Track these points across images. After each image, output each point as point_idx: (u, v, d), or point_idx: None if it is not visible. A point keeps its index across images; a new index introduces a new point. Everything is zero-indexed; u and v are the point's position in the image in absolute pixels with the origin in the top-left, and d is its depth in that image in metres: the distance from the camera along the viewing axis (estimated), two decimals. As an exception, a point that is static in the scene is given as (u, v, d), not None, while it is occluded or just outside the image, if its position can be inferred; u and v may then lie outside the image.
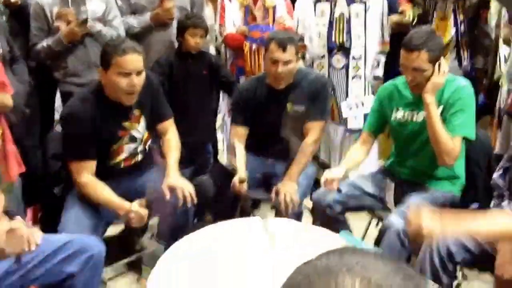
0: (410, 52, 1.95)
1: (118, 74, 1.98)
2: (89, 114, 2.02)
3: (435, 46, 1.96)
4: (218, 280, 1.56)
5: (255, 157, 2.55)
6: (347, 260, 0.52)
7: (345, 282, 0.49)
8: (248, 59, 3.11)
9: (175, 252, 1.73)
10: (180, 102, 2.80)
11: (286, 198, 2.24)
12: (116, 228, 2.64)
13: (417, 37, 1.95)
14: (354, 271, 0.50)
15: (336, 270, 0.50)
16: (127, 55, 1.97)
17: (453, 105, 2.02)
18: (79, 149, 2.04)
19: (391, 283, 0.49)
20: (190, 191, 2.13)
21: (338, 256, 0.53)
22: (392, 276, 0.50)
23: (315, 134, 2.43)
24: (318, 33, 3.00)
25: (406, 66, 1.99)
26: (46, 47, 2.65)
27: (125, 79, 1.99)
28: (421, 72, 1.97)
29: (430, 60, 1.95)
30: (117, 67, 1.97)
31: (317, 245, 1.32)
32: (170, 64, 2.84)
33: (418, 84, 2.01)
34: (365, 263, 0.51)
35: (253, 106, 2.47)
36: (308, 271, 0.52)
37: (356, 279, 0.49)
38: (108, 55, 1.99)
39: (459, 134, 1.99)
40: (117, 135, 2.13)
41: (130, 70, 1.98)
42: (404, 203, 2.05)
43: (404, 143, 2.21)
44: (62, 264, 1.66)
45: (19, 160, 2.18)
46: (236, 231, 1.91)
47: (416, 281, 0.50)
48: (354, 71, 3.00)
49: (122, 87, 2.00)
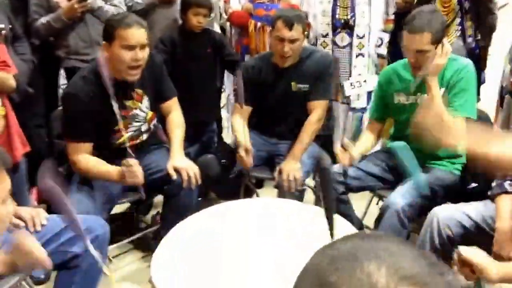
0: (412, 34, 1.92)
1: (122, 47, 1.97)
2: (90, 93, 2.02)
3: (438, 26, 1.93)
4: (222, 260, 1.59)
5: (259, 136, 2.56)
6: (374, 245, 0.51)
7: (371, 269, 0.48)
8: (253, 38, 3.09)
9: (180, 232, 1.76)
10: (183, 80, 2.78)
11: (289, 177, 2.26)
12: (121, 207, 2.67)
13: (419, 18, 1.92)
14: (380, 258, 0.49)
15: (362, 256, 0.50)
16: (132, 28, 1.96)
17: (455, 85, 2.00)
18: (77, 130, 2.06)
19: (418, 271, 0.48)
20: (194, 171, 2.14)
21: (364, 241, 0.53)
22: (418, 264, 0.49)
23: (318, 113, 2.43)
24: (322, 10, 2.96)
25: (409, 48, 1.97)
26: (46, 23, 2.63)
27: (129, 52, 1.98)
28: (424, 54, 1.95)
29: (433, 41, 1.92)
30: (121, 39, 1.96)
31: (319, 226, 1.33)
32: (173, 42, 2.82)
33: (420, 66, 1.99)
34: (392, 250, 0.50)
35: (258, 84, 2.46)
36: (334, 255, 0.51)
37: (382, 266, 0.48)
38: (112, 28, 1.98)
39: (462, 114, 1.98)
40: (120, 114, 2.13)
41: (134, 43, 1.97)
42: (404, 183, 2.05)
43: (405, 126, 2.19)
44: (67, 244, 1.69)
45: (23, 140, 2.20)
46: (240, 211, 1.93)
47: (440, 269, 0.50)
48: (358, 49, 2.97)
49: (126, 61, 1.99)
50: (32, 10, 2.67)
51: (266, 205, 2.01)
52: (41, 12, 2.66)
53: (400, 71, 2.18)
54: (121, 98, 2.12)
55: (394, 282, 0.47)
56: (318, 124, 2.45)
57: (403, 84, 2.16)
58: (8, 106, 2.11)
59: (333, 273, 0.49)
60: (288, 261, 1.42)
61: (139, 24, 1.99)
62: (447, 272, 0.50)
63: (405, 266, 0.48)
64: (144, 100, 2.21)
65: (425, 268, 0.49)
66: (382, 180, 2.24)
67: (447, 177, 2.11)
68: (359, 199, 2.46)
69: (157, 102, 2.29)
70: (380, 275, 0.47)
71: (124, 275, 2.36)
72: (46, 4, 2.66)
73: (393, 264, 0.48)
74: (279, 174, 2.31)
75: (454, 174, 2.15)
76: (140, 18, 2.07)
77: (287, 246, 1.58)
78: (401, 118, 2.21)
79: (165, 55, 2.72)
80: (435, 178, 2.07)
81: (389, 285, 0.47)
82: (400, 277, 0.47)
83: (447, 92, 2.02)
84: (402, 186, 2.04)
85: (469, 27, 2.93)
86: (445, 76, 2.03)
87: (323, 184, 1.43)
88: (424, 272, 0.48)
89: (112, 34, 1.97)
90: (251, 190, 2.80)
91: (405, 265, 0.48)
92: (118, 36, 1.96)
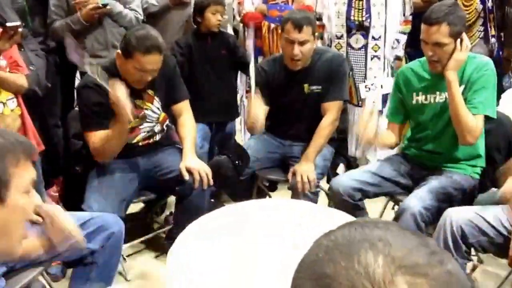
0: (429, 26, 1.89)
1: (136, 68, 2.03)
2: (102, 88, 2.05)
3: (457, 20, 1.89)
4: (235, 259, 1.59)
5: (274, 138, 2.56)
6: (370, 234, 0.50)
7: (367, 259, 0.47)
8: (267, 39, 3.09)
9: (193, 231, 1.76)
10: (199, 82, 2.82)
11: (303, 179, 2.25)
12: (135, 206, 2.69)
13: (437, 10, 1.90)
14: (377, 248, 0.48)
15: (358, 246, 0.48)
16: (150, 55, 2.01)
17: (475, 82, 1.97)
18: (92, 119, 2.08)
19: (415, 259, 0.47)
20: (206, 172, 2.15)
21: (360, 229, 0.51)
22: (416, 253, 0.48)
23: (332, 114, 2.40)
24: (336, 12, 2.95)
25: (426, 40, 1.93)
26: (65, 24, 2.67)
27: (141, 73, 2.05)
28: (442, 47, 1.91)
29: (451, 34, 1.89)
30: (137, 63, 2.02)
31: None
32: (189, 45, 2.83)
33: (438, 61, 1.95)
34: (389, 238, 0.49)
35: (271, 87, 2.46)
36: (329, 246, 0.50)
37: (379, 256, 0.47)
38: (132, 47, 2.01)
39: (481, 112, 1.95)
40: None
41: (148, 70, 2.03)
42: (421, 187, 2.03)
43: (424, 127, 2.17)
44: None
45: (37, 139, 2.23)
46: (253, 211, 1.93)
47: (440, 257, 0.48)
48: (373, 51, 2.95)
49: (135, 79, 2.08)
50: (51, 10, 2.70)
51: (279, 206, 2.00)
52: (60, 13, 2.70)
53: (418, 70, 2.14)
54: (132, 97, 2.13)
55: (391, 272, 0.46)
56: (332, 126, 2.42)
57: (422, 83, 2.12)
58: (23, 106, 2.14)
59: (329, 265, 0.48)
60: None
61: (159, 49, 2.03)
62: (448, 259, 0.49)
63: (403, 255, 0.47)
64: (155, 101, 2.23)
65: (424, 257, 0.47)
66: (399, 185, 2.21)
67: (466, 181, 2.07)
68: (373, 202, 2.43)
69: (168, 103, 2.31)
70: (377, 265, 0.46)
71: (137, 274, 2.36)
72: (66, 6, 2.70)
73: (390, 254, 0.47)
74: (293, 176, 2.31)
75: (473, 178, 2.11)
76: (161, 39, 2.08)
77: (300, 247, 1.57)
78: (419, 118, 2.17)
79: (181, 57, 2.75)
80: (453, 181, 2.04)
81: (386, 275, 0.46)
82: (397, 267, 0.46)
83: (466, 90, 1.98)
84: (418, 189, 2.02)
85: (493, 28, 2.88)
86: (465, 73, 1.99)
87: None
88: (423, 261, 0.47)
89: (131, 53, 2.02)
90: (263, 191, 2.79)
91: (403, 254, 0.47)
92: (135, 58, 2.01)
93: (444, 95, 2.05)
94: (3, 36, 1.89)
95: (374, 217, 2.39)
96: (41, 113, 2.54)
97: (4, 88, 2.00)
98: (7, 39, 1.91)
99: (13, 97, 2.04)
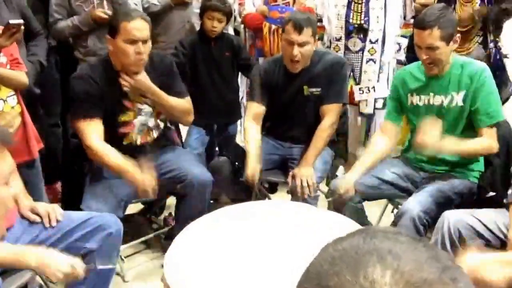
0: (422, 30, 1.92)
1: (125, 41, 2.01)
2: (95, 77, 2.08)
3: (448, 23, 1.92)
4: (234, 260, 1.58)
5: (273, 140, 2.56)
6: (379, 246, 0.47)
7: (374, 275, 0.44)
8: (267, 40, 3.09)
9: (192, 232, 1.76)
10: (203, 83, 2.82)
11: (302, 182, 2.25)
12: (134, 207, 2.68)
13: (429, 14, 1.93)
14: (385, 261, 0.45)
15: (366, 259, 0.46)
16: (135, 20, 2.01)
17: (479, 91, 1.99)
18: (84, 107, 2.06)
19: (426, 276, 0.44)
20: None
21: (369, 240, 0.48)
22: (427, 268, 0.45)
23: (331, 117, 2.39)
24: (336, 14, 2.95)
25: (420, 45, 1.96)
26: (73, 26, 2.65)
27: (132, 46, 2.02)
28: (435, 50, 1.94)
29: (443, 37, 1.92)
30: (124, 33, 2.01)
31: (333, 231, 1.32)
32: (193, 46, 2.83)
33: (434, 64, 1.99)
34: (398, 251, 0.46)
35: (271, 88, 2.46)
36: (335, 257, 0.48)
37: (387, 271, 0.44)
38: (115, 21, 2.04)
39: (494, 121, 1.99)
40: (123, 105, 2.15)
41: (137, 37, 2.01)
42: (420, 190, 2.03)
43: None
44: (81, 240, 1.71)
45: (37, 137, 2.22)
46: (252, 212, 1.92)
47: (452, 273, 0.46)
48: (369, 54, 2.95)
49: (130, 54, 2.03)
50: (53, 9, 2.68)
51: (278, 207, 2.00)
52: (63, 13, 2.68)
53: (414, 71, 2.17)
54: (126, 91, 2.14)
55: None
56: (331, 129, 2.41)
57: (416, 84, 2.14)
58: (23, 103, 2.13)
59: (334, 277, 0.46)
60: (299, 262, 1.41)
61: (142, 17, 2.05)
62: (461, 276, 0.46)
63: (412, 270, 0.44)
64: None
65: (435, 273, 0.45)
66: (398, 188, 2.20)
67: (465, 185, 2.08)
68: (373, 205, 2.43)
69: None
70: (384, 283, 0.44)
71: (136, 275, 2.36)
72: (68, 5, 2.68)
73: (399, 269, 0.44)
74: (293, 179, 2.30)
75: (472, 182, 2.12)
76: (144, 13, 2.11)
77: (299, 248, 1.57)
78: (416, 121, 2.16)
79: (184, 58, 2.75)
80: (452, 185, 2.05)
81: None
82: (405, 284, 0.43)
83: (469, 98, 2.01)
84: (418, 193, 2.02)
85: (492, 32, 2.88)
86: (462, 79, 2.02)
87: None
88: (434, 277, 0.44)
89: (116, 27, 2.02)
90: (263, 193, 2.79)
91: (413, 269, 0.44)
92: (121, 29, 2.01)
93: (440, 99, 2.07)
94: (5, 33, 1.90)
95: (372, 219, 2.39)
96: (40, 112, 2.54)
97: (5, 85, 1.99)
98: (9, 36, 1.91)
99: (13, 93, 2.04)
